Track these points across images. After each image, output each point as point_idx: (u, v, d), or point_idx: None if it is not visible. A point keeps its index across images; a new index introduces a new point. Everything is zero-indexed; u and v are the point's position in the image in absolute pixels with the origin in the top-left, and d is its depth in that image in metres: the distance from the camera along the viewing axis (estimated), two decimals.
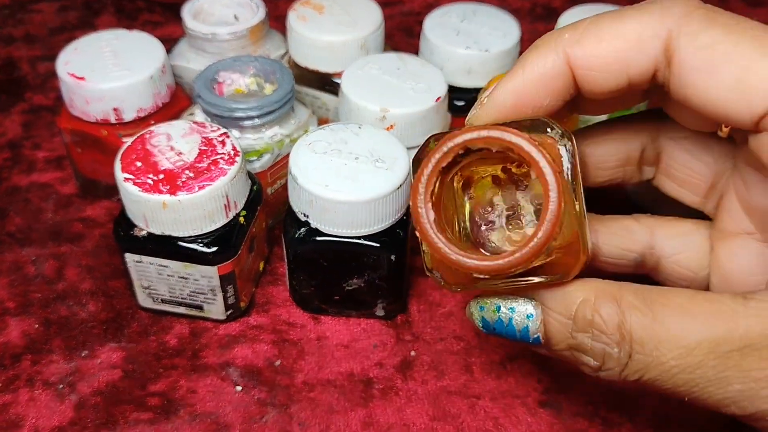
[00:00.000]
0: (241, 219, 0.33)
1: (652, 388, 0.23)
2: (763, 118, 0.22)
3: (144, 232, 0.32)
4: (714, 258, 0.28)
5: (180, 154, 0.32)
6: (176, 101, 0.39)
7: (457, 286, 0.25)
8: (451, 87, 0.38)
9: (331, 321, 0.36)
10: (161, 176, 0.31)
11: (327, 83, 0.42)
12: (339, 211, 0.31)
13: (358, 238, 0.32)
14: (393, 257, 0.33)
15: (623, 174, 0.30)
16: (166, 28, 0.56)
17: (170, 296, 0.34)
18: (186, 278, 0.33)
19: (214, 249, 0.32)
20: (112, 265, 0.38)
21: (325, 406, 0.32)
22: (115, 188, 0.32)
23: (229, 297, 0.34)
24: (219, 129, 0.33)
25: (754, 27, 0.23)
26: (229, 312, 0.35)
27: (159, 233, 0.32)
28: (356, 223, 0.31)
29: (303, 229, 0.32)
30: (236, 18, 0.42)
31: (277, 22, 0.51)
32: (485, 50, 0.41)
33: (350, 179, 0.31)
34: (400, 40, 0.56)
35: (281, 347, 0.35)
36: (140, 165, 0.31)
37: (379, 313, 0.35)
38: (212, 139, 0.33)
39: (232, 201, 0.32)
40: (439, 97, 0.36)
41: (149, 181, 0.31)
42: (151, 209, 0.31)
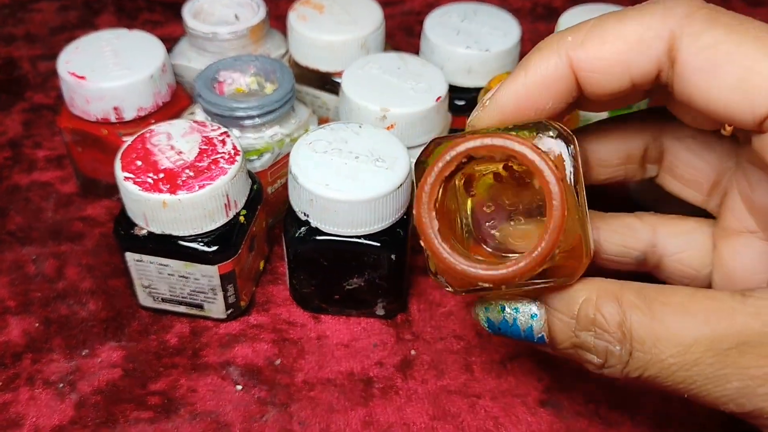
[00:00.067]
0: (242, 218, 0.33)
1: (653, 385, 0.24)
2: (766, 118, 0.22)
3: (144, 231, 0.32)
4: (717, 256, 0.28)
5: (180, 153, 0.32)
6: (177, 100, 0.39)
7: (461, 289, 0.25)
8: (451, 86, 0.38)
9: (331, 320, 0.36)
10: (161, 175, 0.31)
11: (327, 83, 0.42)
12: (339, 210, 0.31)
13: (358, 237, 0.32)
14: (393, 256, 0.33)
15: (625, 172, 0.30)
16: (167, 27, 0.56)
17: (170, 295, 0.34)
18: (186, 277, 0.33)
19: (215, 248, 0.32)
20: (112, 264, 0.38)
21: (325, 405, 0.32)
22: (115, 187, 0.32)
23: (230, 296, 0.34)
24: (219, 128, 0.33)
25: (757, 27, 0.22)
26: (229, 311, 0.35)
27: (159, 232, 0.32)
28: (356, 223, 0.31)
29: (303, 229, 0.32)
30: (237, 17, 0.43)
31: (277, 21, 0.51)
32: (486, 50, 0.41)
33: (350, 178, 0.31)
34: (401, 39, 0.56)
35: (281, 346, 0.35)
36: (140, 164, 0.31)
37: (380, 312, 0.35)
38: (212, 139, 0.33)
39: (233, 200, 0.32)
40: (440, 96, 0.36)
41: (149, 180, 0.31)
42: (151, 208, 0.31)
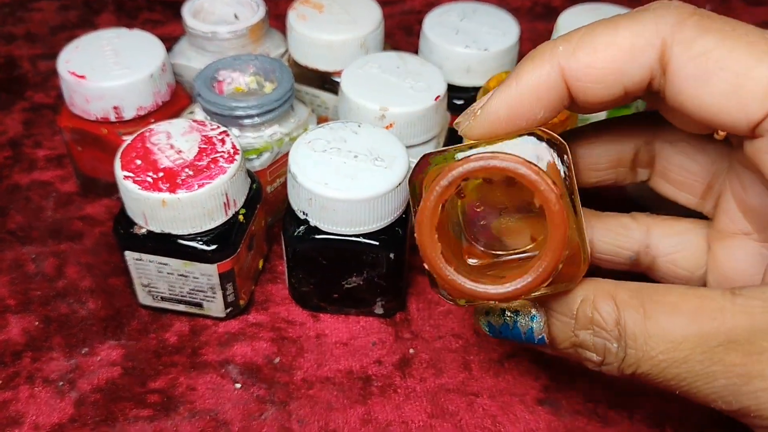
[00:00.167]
0: (241, 217, 0.33)
1: (646, 381, 0.24)
2: (759, 123, 0.22)
3: (144, 230, 0.32)
4: (711, 258, 0.28)
5: (180, 152, 0.32)
6: (176, 100, 0.39)
7: (464, 301, 0.25)
8: (450, 86, 0.38)
9: (330, 319, 0.36)
10: (161, 174, 0.31)
11: (326, 82, 0.42)
12: (338, 209, 0.31)
13: (357, 236, 0.32)
14: (392, 255, 0.33)
15: (616, 175, 0.30)
16: (167, 26, 0.56)
17: (170, 294, 0.34)
18: (186, 276, 0.33)
19: (214, 247, 0.32)
20: (111, 263, 0.38)
21: (324, 404, 0.32)
22: (115, 186, 0.32)
23: (229, 295, 0.34)
24: (219, 127, 0.34)
25: (749, 32, 0.22)
26: (228, 310, 0.35)
27: (158, 231, 0.32)
28: (355, 222, 0.31)
29: (302, 227, 0.32)
30: (236, 17, 0.43)
31: (277, 20, 0.51)
32: (484, 49, 0.41)
33: (349, 177, 0.31)
34: (400, 38, 0.56)
35: (280, 345, 0.35)
36: (140, 163, 0.31)
37: (378, 311, 0.36)
38: (212, 138, 0.33)
39: (232, 199, 0.32)
40: (439, 95, 0.36)
41: (149, 179, 0.31)
42: (150, 207, 0.31)
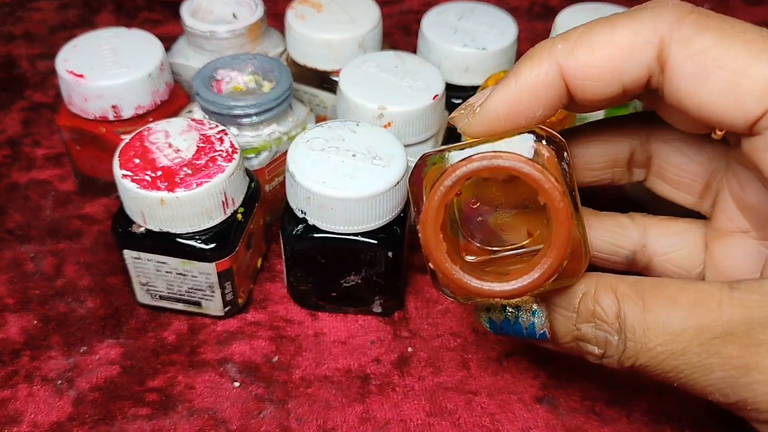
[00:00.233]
0: (239, 216, 0.33)
1: (645, 374, 0.24)
2: (757, 121, 0.22)
3: (142, 229, 0.32)
4: (709, 256, 0.29)
5: (178, 151, 0.32)
6: (175, 99, 0.39)
7: (466, 298, 0.26)
8: (448, 85, 0.38)
9: (328, 317, 0.36)
10: (159, 173, 0.31)
11: (325, 81, 0.42)
12: (336, 208, 0.31)
13: (355, 235, 0.32)
14: (390, 254, 0.33)
15: (611, 175, 0.30)
16: (165, 26, 0.56)
17: (168, 293, 0.34)
18: (184, 275, 0.33)
19: (212, 246, 0.32)
20: (110, 262, 0.38)
21: (323, 402, 0.32)
22: (113, 185, 0.32)
23: (227, 293, 0.34)
24: (217, 126, 0.34)
25: (747, 30, 0.22)
26: (227, 308, 0.35)
27: (157, 230, 0.32)
28: (353, 220, 0.31)
29: (300, 226, 0.33)
30: (235, 16, 0.43)
31: (275, 20, 0.51)
32: (482, 48, 0.41)
33: (348, 176, 0.31)
34: (399, 38, 0.56)
35: (279, 343, 0.35)
36: (138, 162, 0.31)
37: (377, 309, 0.36)
38: (210, 137, 0.33)
39: (230, 198, 0.32)
40: (437, 94, 0.36)
41: (147, 178, 0.31)
42: (149, 206, 0.31)
